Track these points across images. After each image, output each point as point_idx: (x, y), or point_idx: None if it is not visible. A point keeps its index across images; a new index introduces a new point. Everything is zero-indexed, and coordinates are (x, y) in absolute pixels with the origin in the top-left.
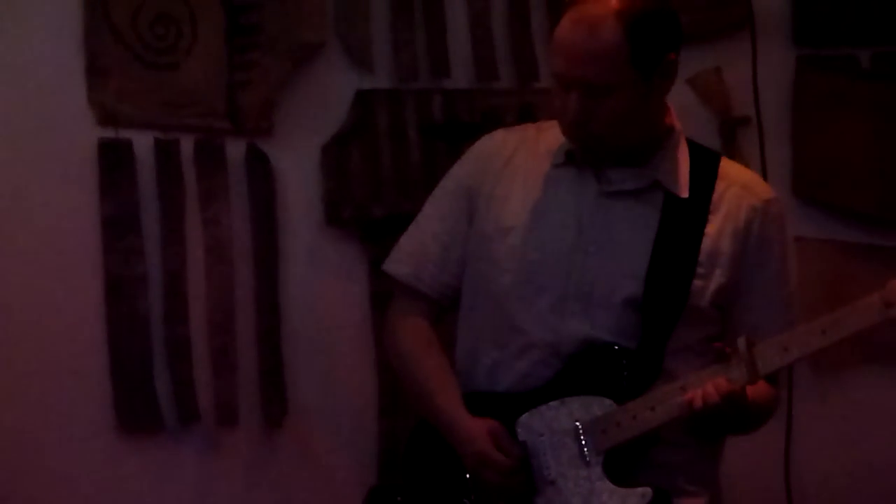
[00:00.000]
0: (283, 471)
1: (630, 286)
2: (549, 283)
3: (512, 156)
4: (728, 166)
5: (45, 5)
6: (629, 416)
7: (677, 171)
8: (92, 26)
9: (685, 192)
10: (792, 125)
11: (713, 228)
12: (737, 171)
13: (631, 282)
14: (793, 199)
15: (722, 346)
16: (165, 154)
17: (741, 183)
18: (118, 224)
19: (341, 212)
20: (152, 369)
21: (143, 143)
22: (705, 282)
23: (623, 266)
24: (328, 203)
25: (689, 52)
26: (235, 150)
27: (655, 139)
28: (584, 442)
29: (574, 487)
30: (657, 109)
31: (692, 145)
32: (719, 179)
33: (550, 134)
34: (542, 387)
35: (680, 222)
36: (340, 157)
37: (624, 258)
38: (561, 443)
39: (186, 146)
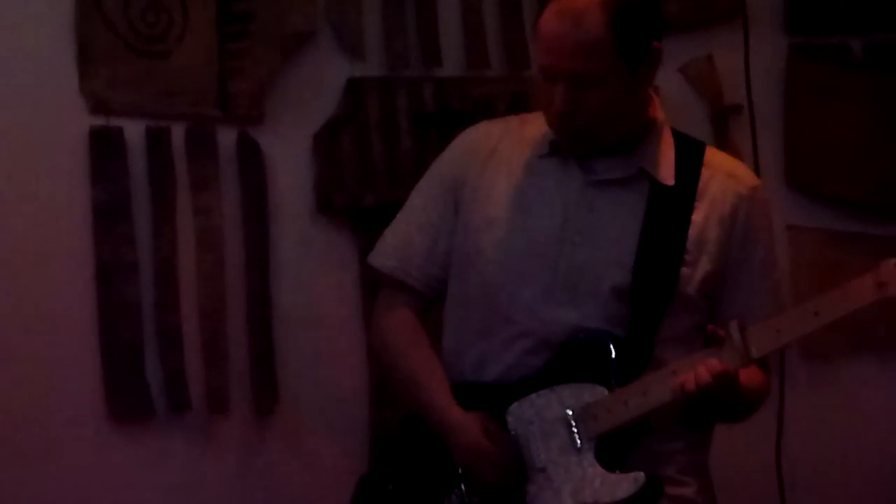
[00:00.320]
0: (274, 459)
1: (618, 275)
2: (536, 274)
3: (496, 147)
4: (713, 154)
5: None
6: (621, 402)
7: (663, 160)
8: (83, 14)
9: (671, 181)
10: (784, 113)
11: (699, 216)
12: (722, 159)
13: (619, 270)
14: (785, 187)
15: (714, 329)
16: (156, 142)
17: (726, 170)
18: (109, 212)
19: (332, 200)
20: (143, 357)
21: (135, 130)
22: (692, 269)
23: (610, 255)
24: (319, 191)
25: (682, 41)
26: (226, 138)
27: (640, 129)
28: (575, 429)
29: (565, 474)
30: (642, 99)
31: (677, 135)
32: (705, 167)
33: (534, 125)
34: (531, 376)
35: (666, 210)
36: (332, 146)
37: (611, 247)
38: (551, 430)
39: (177, 134)
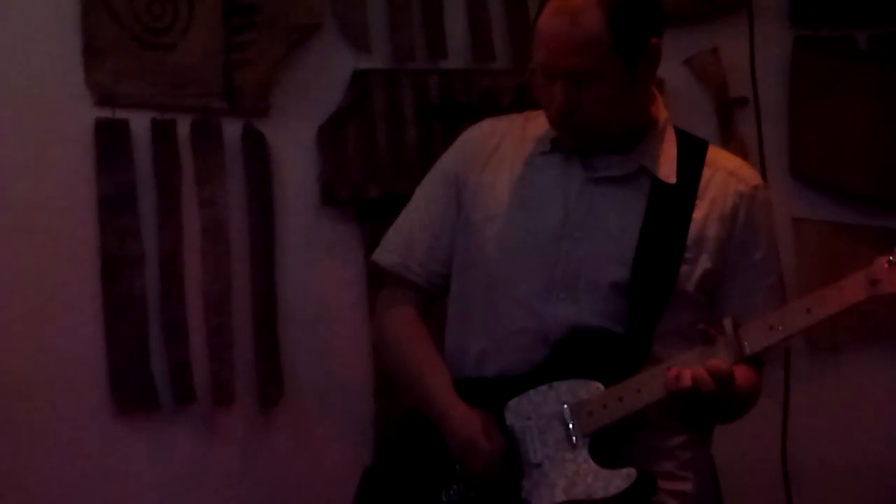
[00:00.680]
0: (279, 451)
1: (617, 271)
2: (536, 270)
3: (499, 144)
4: (715, 153)
5: None
6: (615, 399)
7: (664, 158)
8: (89, 6)
9: (672, 178)
10: (789, 106)
11: (700, 213)
12: (724, 158)
13: (618, 267)
14: (790, 179)
15: (705, 328)
16: (162, 134)
17: (728, 169)
18: (115, 204)
19: (337, 192)
20: (148, 350)
21: (140, 123)
22: (692, 267)
23: (610, 251)
24: (324, 183)
25: (687, 33)
26: (232, 131)
27: (642, 126)
28: (570, 425)
29: (560, 470)
30: (643, 96)
31: (680, 133)
32: (706, 166)
33: (537, 123)
34: (530, 372)
35: (667, 208)
36: (337, 138)
37: (611, 243)
38: (548, 426)
39: (183, 126)
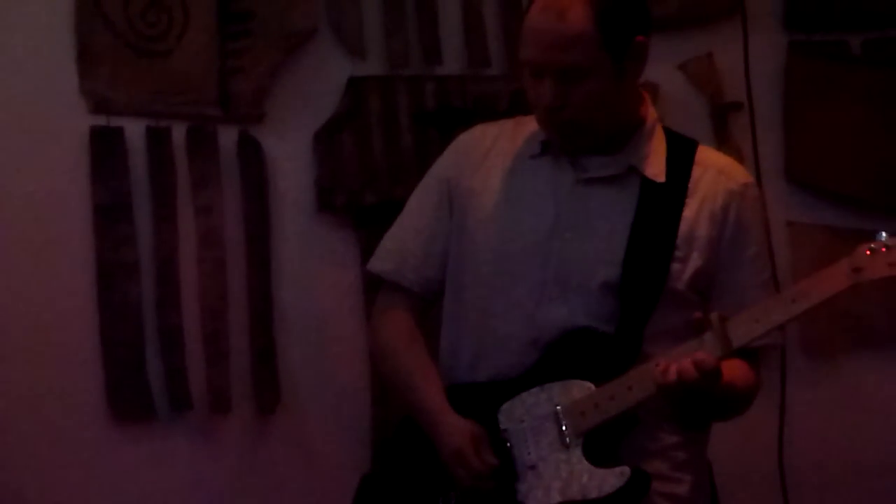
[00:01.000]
0: (276, 458)
1: (607, 270)
2: (527, 272)
3: (491, 149)
4: (705, 152)
5: None
6: (607, 398)
7: (653, 157)
8: (83, 14)
9: (662, 178)
10: (784, 110)
11: (690, 212)
12: (714, 157)
13: (608, 266)
14: (785, 183)
15: (701, 316)
16: (157, 141)
17: (718, 168)
18: (110, 211)
19: (333, 198)
20: (144, 357)
21: (135, 130)
22: (683, 265)
23: (600, 251)
24: (320, 190)
25: (681, 38)
26: (227, 138)
27: (630, 126)
28: (563, 425)
29: (554, 471)
30: (631, 95)
31: (669, 133)
32: (696, 165)
33: (528, 127)
34: (522, 375)
35: (657, 207)
36: (332, 144)
37: (601, 243)
38: (542, 427)
39: (178, 133)
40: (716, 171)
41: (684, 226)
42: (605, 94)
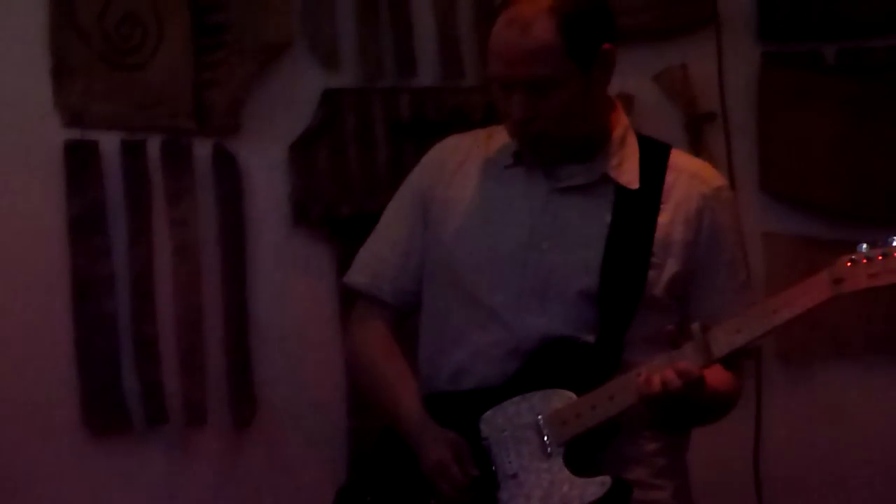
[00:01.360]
0: (253, 470)
1: (585, 279)
2: (505, 283)
3: (464, 160)
4: (678, 157)
5: (10, 5)
6: (588, 407)
7: (626, 164)
8: (58, 27)
9: (635, 184)
10: (758, 121)
11: (665, 217)
12: (687, 161)
13: (586, 275)
14: (760, 194)
15: (674, 330)
16: (132, 154)
17: (691, 172)
18: (85, 225)
19: (309, 211)
20: (120, 370)
21: (110, 143)
22: (659, 271)
23: (577, 259)
24: (296, 202)
25: (655, 49)
26: (202, 150)
27: (602, 133)
28: (545, 435)
29: (535, 480)
30: (600, 103)
31: (642, 139)
32: (669, 170)
33: (501, 137)
34: (503, 384)
35: (632, 213)
36: (308, 157)
37: (578, 252)
38: (523, 437)
39: (153, 146)
40: (689, 176)
41: (660, 231)
42: (575, 103)
